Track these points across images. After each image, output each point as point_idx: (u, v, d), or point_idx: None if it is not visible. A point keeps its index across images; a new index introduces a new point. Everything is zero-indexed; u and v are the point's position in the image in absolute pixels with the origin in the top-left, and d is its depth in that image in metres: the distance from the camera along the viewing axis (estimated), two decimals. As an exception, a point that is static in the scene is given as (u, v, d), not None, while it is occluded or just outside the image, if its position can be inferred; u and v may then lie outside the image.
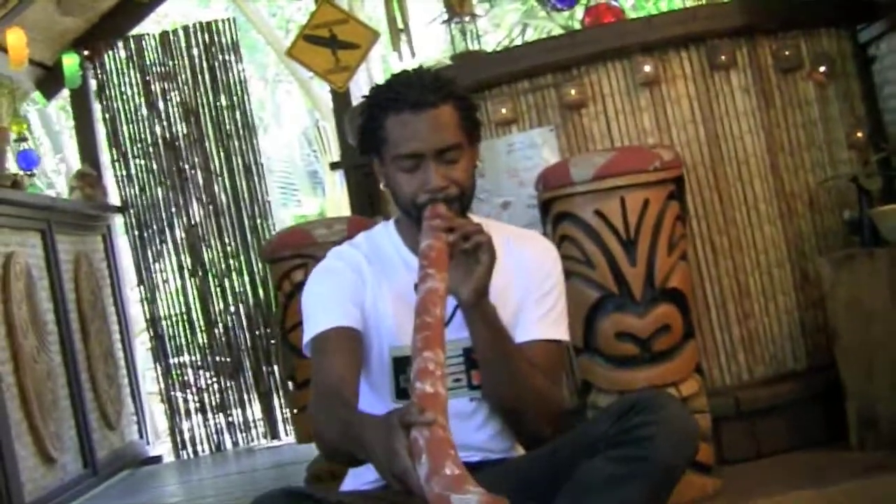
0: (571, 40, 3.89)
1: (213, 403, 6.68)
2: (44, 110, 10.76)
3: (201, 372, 6.71)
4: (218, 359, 6.68)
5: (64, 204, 5.85)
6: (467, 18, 5.08)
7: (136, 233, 6.64)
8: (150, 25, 8.00)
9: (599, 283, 3.29)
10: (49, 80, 6.55)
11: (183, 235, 6.65)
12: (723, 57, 3.81)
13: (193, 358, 6.72)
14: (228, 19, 6.86)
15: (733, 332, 3.81)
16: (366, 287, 2.44)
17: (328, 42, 6.33)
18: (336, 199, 9.99)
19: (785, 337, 3.84)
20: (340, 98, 6.41)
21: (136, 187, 6.65)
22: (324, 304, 2.40)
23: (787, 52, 3.89)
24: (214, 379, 6.70)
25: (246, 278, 6.66)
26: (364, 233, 2.58)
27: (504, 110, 3.89)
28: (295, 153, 14.75)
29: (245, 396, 6.68)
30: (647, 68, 3.79)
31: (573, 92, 3.82)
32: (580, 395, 3.48)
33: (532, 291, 2.50)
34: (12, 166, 5.96)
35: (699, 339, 3.60)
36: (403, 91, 2.37)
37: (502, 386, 2.39)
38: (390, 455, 1.81)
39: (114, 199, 6.67)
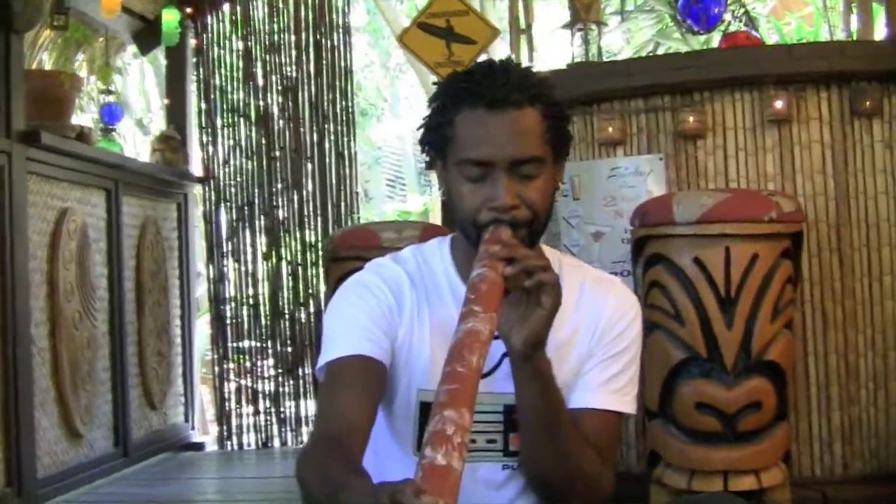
0: (698, 61, 3.45)
1: (267, 395, 6.33)
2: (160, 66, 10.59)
3: (260, 361, 6.36)
4: (280, 349, 6.32)
5: (137, 165, 5.45)
6: (592, 26, 4.65)
7: (213, 207, 6.31)
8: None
9: (686, 343, 2.86)
10: (146, 34, 6.19)
11: (262, 217, 6.31)
12: (868, 102, 3.34)
13: (254, 345, 6.38)
14: (345, -20, 6.48)
15: (833, 419, 3.36)
16: (403, 313, 2.03)
17: (443, 33, 5.95)
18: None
19: (892, 432, 3.37)
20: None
21: (221, 159, 6.31)
22: (347, 326, 1.99)
23: (942, 109, 3.40)
24: (272, 371, 6.35)
25: (321, 271, 6.28)
26: (414, 247, 2.16)
27: (611, 129, 3.48)
28: (408, 147, 14.45)
29: (300, 394, 6.31)
30: (779, 104, 3.33)
31: (691, 119, 3.38)
32: (647, 465, 3.03)
33: (599, 351, 2.07)
34: (87, 119, 5.67)
35: (792, 421, 3.13)
36: (483, 83, 1.95)
37: (545, 459, 1.97)
38: None
39: (195, 168, 6.36)
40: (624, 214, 3.42)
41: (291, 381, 6.30)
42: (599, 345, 2.07)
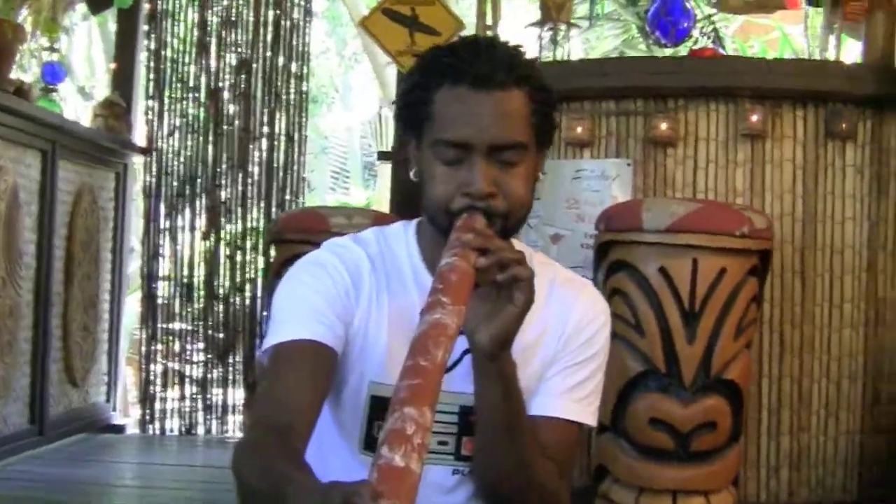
0: (674, 67, 3.36)
1: (195, 380, 6.12)
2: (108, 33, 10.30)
3: (189, 345, 6.15)
4: (211, 333, 6.12)
5: (78, 128, 5.20)
6: (563, 27, 4.53)
7: (154, 180, 6.09)
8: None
9: (645, 355, 2.75)
10: (99, -8, 6.01)
11: (204, 195, 6.10)
12: (844, 125, 3.26)
13: (185, 327, 6.17)
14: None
15: (782, 444, 3.28)
16: (360, 298, 1.87)
17: (408, 21, 5.80)
18: (387, 196, 9.46)
19: (839, 461, 3.31)
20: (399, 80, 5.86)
21: (165, 131, 6.09)
22: (299, 307, 1.83)
23: (917, 138, 3.33)
24: (202, 356, 6.14)
25: (261, 258, 6.10)
26: (377, 229, 2.00)
27: (580, 129, 3.36)
28: (355, 139, 14.29)
29: (229, 382, 6.10)
30: (755, 118, 3.24)
31: (664, 126, 3.27)
32: (593, 479, 2.91)
33: (565, 356, 1.93)
34: (27, 77, 5.43)
35: (741, 444, 3.03)
36: (467, 59, 1.80)
37: (502, 466, 1.83)
38: None
39: (138, 139, 6.13)
40: (585, 218, 3.30)
41: (221, 368, 6.10)
42: (566, 350, 1.93)
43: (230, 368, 6.09)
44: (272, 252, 5.68)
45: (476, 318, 1.73)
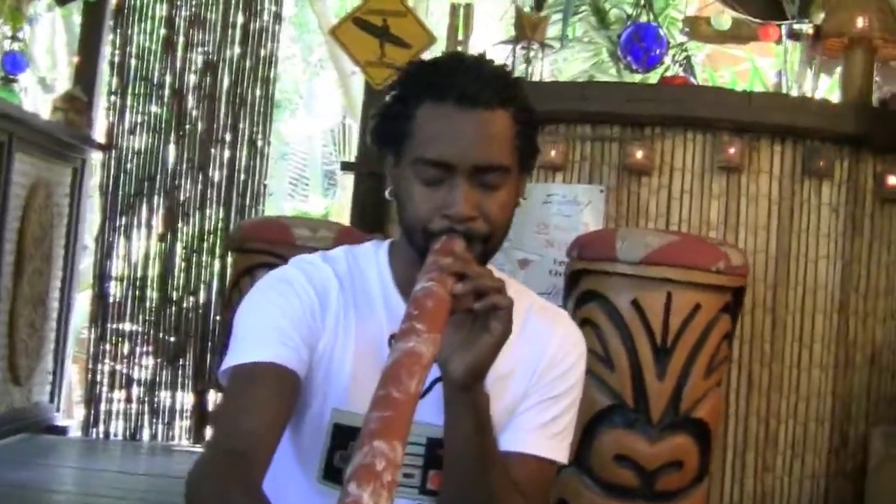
0: (654, 94, 3.29)
1: (143, 383, 5.97)
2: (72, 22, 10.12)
3: (139, 347, 6.00)
4: (162, 336, 5.98)
5: (36, 120, 5.04)
6: (536, 46, 4.46)
7: (112, 178, 5.95)
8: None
9: (613, 390, 2.68)
10: (66, -16, 5.87)
11: (162, 195, 5.97)
12: (821, 163, 3.21)
13: (135, 329, 6.02)
14: (280, -23, 6.19)
15: (746, 485, 3.22)
16: (326, 320, 1.78)
17: (379, 31, 5.71)
18: (346, 206, 9.34)
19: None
20: (373, 95, 5.76)
21: (126, 129, 5.96)
22: (263, 327, 1.73)
23: (894, 179, 3.26)
24: (151, 359, 5.99)
25: (217, 262, 5.97)
26: (347, 248, 1.90)
27: (554, 153, 3.28)
28: (317, 148, 14.17)
29: (178, 387, 5.96)
30: (732, 150, 3.18)
31: (639, 154, 3.20)
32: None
33: (539, 390, 1.84)
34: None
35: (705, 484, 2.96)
36: (452, 75, 1.71)
37: (470, 502, 1.73)
38: None
39: (98, 135, 5.98)
40: (555, 244, 3.23)
41: (170, 372, 5.96)
42: (539, 384, 1.85)
43: (179, 373, 5.95)
44: (230, 259, 5.59)
45: (450, 346, 1.64)
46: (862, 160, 3.29)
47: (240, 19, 6.05)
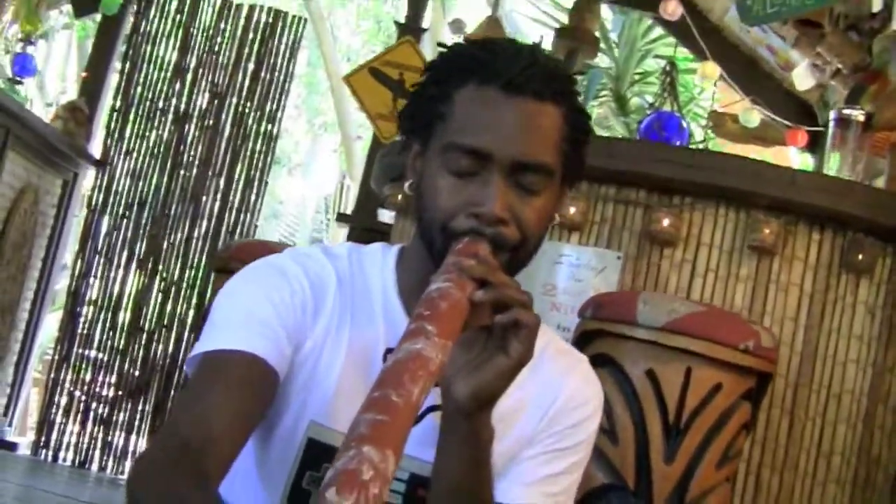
0: (689, 158, 3.02)
1: (99, 415, 5.66)
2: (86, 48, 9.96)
3: (101, 377, 5.69)
4: (127, 368, 5.69)
5: (35, 121, 4.79)
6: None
7: (101, 196, 5.72)
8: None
9: (614, 466, 2.40)
10: (86, -4, 5.68)
11: (150, 221, 5.72)
12: (861, 256, 2.94)
13: (100, 357, 5.72)
14: (299, 18, 6.01)
15: None
16: (318, 320, 1.52)
17: (394, 85, 5.54)
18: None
19: None
20: (377, 149, 5.56)
21: (124, 148, 5.75)
22: (244, 314, 1.47)
23: (941, 286, 3.03)
24: (112, 389, 5.69)
25: (195, 297, 5.71)
26: (352, 245, 1.65)
27: (572, 210, 3.02)
28: (308, 209, 14.02)
29: (136, 421, 5.65)
30: (768, 231, 2.92)
31: (666, 222, 2.95)
32: None
33: (546, 439, 1.60)
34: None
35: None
36: (500, 58, 1.48)
37: None
38: None
39: (95, 150, 5.76)
40: (561, 308, 2.98)
41: (129, 407, 5.65)
42: (547, 432, 1.59)
43: (139, 408, 5.64)
44: (210, 283, 5.32)
45: (454, 366, 1.40)
46: (910, 260, 3.04)
47: (254, 54, 5.87)
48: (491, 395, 1.40)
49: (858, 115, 3.17)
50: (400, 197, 3.33)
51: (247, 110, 5.81)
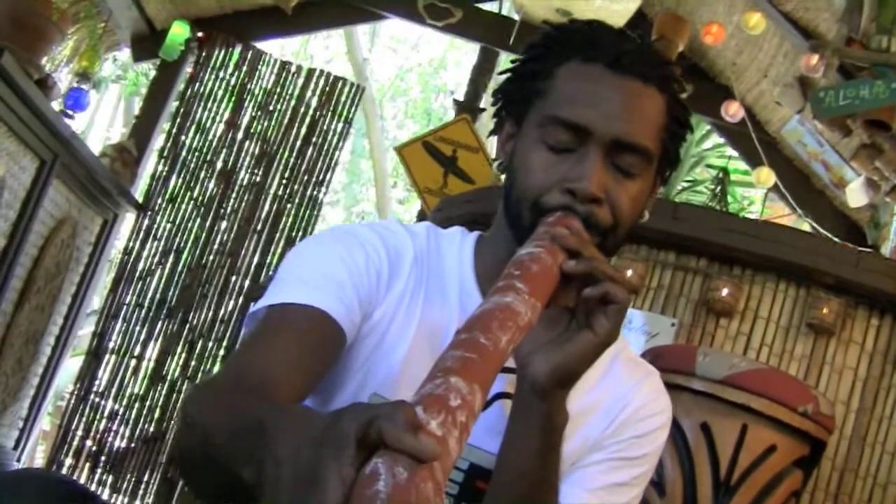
0: (752, 228, 2.96)
1: (109, 463, 5.55)
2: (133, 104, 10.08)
3: (115, 426, 5.59)
4: (143, 417, 5.58)
5: (84, 151, 4.67)
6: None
7: (137, 244, 5.69)
8: (275, 48, 7.19)
9: (660, 519, 2.29)
10: (147, 41, 5.67)
11: (185, 270, 5.68)
12: (919, 346, 2.87)
13: (116, 409, 5.62)
14: (357, 85, 6.02)
15: None
16: (391, 290, 1.47)
17: (446, 161, 5.55)
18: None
19: None
20: (421, 220, 5.53)
21: (167, 197, 5.74)
22: (315, 273, 1.41)
23: None
24: (125, 442, 5.58)
25: (223, 350, 5.63)
26: (430, 225, 1.60)
27: (630, 273, 2.97)
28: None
29: (144, 477, 5.52)
30: (827, 311, 2.85)
31: (724, 293, 2.90)
32: None
33: (613, 445, 1.52)
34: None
35: None
36: (607, 39, 1.45)
37: None
38: (310, 486, 0.84)
39: (138, 193, 5.74)
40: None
41: (140, 458, 5.53)
42: (614, 438, 1.52)
43: (149, 464, 5.53)
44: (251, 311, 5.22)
45: (535, 342, 1.33)
46: (965, 358, 2.96)
47: (308, 118, 5.88)
48: (571, 373, 1.33)
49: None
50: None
51: (295, 172, 5.78)
